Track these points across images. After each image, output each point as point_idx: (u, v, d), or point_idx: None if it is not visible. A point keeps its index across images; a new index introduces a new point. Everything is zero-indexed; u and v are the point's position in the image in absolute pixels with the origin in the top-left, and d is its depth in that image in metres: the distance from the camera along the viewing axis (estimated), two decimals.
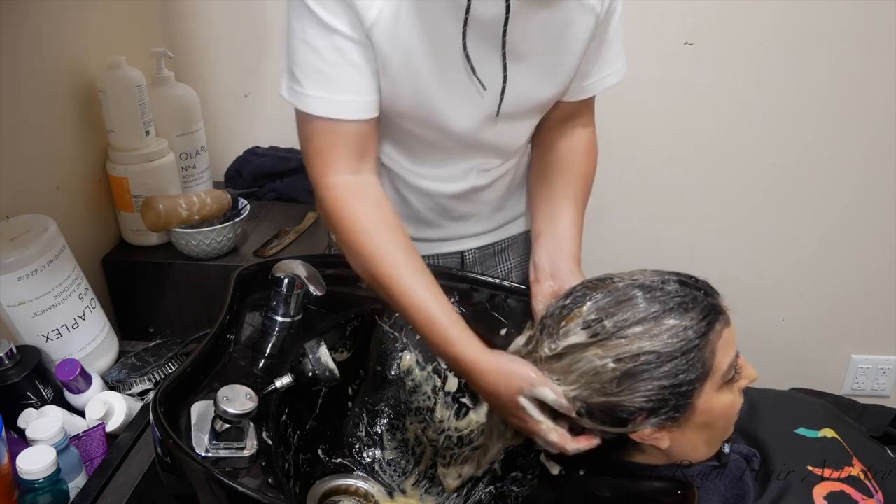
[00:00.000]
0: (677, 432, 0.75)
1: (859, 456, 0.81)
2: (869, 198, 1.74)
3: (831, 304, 1.87)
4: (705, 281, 0.77)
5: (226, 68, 1.67)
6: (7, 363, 0.94)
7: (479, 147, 0.98)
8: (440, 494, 0.93)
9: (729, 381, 0.75)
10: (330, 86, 0.84)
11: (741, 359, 0.77)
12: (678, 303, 0.72)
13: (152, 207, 1.28)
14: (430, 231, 1.09)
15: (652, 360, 0.70)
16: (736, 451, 0.80)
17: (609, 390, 0.72)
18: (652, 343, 0.70)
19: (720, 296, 0.77)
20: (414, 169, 1.01)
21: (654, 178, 1.75)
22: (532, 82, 0.91)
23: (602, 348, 0.72)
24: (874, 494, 0.76)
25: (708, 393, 0.73)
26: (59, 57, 1.25)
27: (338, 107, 0.85)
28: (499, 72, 0.88)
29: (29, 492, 0.80)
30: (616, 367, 0.71)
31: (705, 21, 1.58)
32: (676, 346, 0.70)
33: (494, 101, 0.91)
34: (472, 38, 0.84)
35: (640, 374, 0.71)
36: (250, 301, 0.90)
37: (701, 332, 0.71)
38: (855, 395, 1.97)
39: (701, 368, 0.72)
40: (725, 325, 0.74)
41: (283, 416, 0.85)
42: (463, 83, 0.88)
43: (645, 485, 0.79)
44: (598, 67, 0.95)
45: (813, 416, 0.87)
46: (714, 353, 0.73)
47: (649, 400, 0.71)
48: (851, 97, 1.63)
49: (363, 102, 0.86)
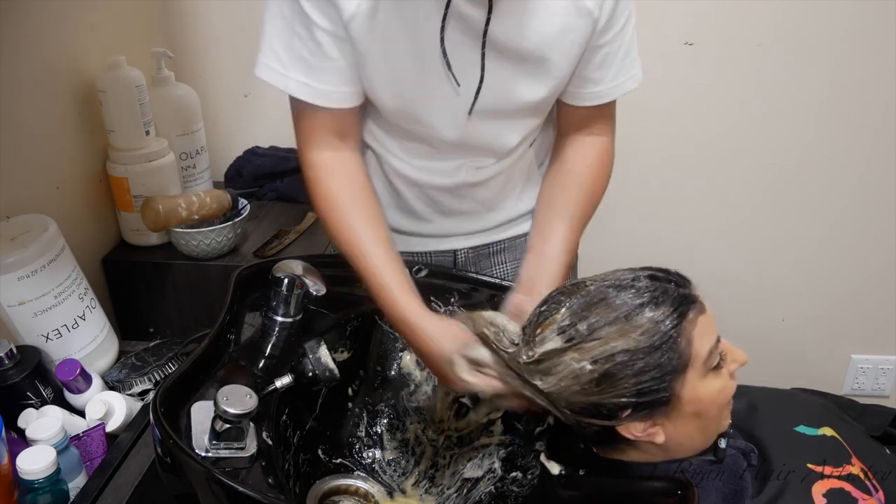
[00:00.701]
0: (670, 425, 0.76)
1: (859, 455, 0.81)
2: (869, 198, 1.74)
3: (831, 304, 1.87)
4: (677, 272, 0.77)
5: (226, 68, 1.67)
6: (7, 363, 0.94)
7: (464, 144, 0.98)
8: (440, 494, 0.93)
9: (715, 367, 0.75)
10: (311, 73, 0.88)
11: (724, 343, 0.77)
12: (649, 298, 0.73)
13: (152, 207, 1.28)
14: (422, 225, 1.09)
15: (627, 358, 0.71)
16: (733, 446, 0.79)
17: (590, 391, 0.73)
18: (626, 341, 0.71)
19: (693, 284, 0.77)
20: (404, 158, 1.01)
21: (654, 178, 1.75)
22: (516, 83, 0.91)
23: (578, 351, 0.73)
24: (874, 493, 0.76)
25: (692, 382, 0.74)
26: (59, 57, 1.25)
27: (317, 94, 0.89)
28: (477, 70, 0.89)
29: (29, 492, 0.80)
30: (594, 368, 0.72)
31: (705, 21, 1.58)
32: (650, 340, 0.71)
33: (469, 98, 0.91)
34: (452, 34, 0.85)
35: (617, 372, 0.72)
36: (250, 301, 0.90)
37: (674, 324, 0.72)
38: (855, 395, 1.97)
39: (678, 359, 0.72)
40: (699, 312, 0.75)
41: (283, 416, 0.85)
42: (440, 78, 0.89)
43: (645, 485, 0.79)
44: (612, 74, 0.94)
45: (812, 414, 0.87)
46: (691, 342, 0.73)
47: (631, 396, 0.72)
48: (851, 97, 1.63)
49: (341, 93, 0.90)
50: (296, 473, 0.86)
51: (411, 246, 1.12)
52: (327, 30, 0.85)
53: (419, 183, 1.03)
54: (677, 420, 0.75)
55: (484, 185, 1.05)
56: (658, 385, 0.72)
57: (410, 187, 1.04)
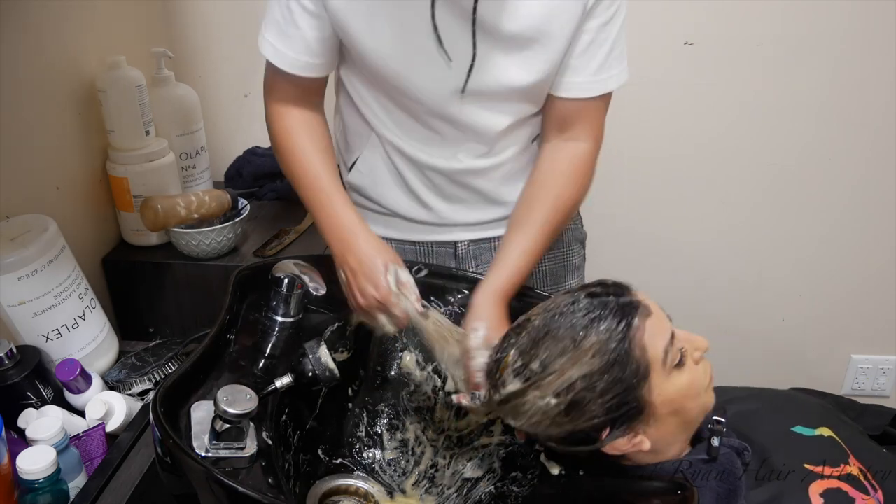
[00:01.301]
0: (651, 430, 0.76)
1: (857, 455, 0.81)
2: (869, 198, 1.74)
3: (831, 304, 1.87)
4: (614, 282, 0.78)
5: (226, 68, 1.67)
6: (7, 363, 0.94)
7: (454, 124, 0.98)
8: (440, 494, 0.93)
9: (677, 364, 0.75)
10: (280, 37, 0.94)
11: (681, 335, 0.77)
12: (591, 319, 0.73)
13: (151, 207, 1.28)
14: (423, 212, 1.09)
15: (587, 383, 0.72)
16: (727, 444, 0.79)
17: (562, 422, 0.74)
18: (580, 367, 0.72)
19: (632, 290, 0.77)
20: (404, 137, 1.02)
21: (654, 178, 1.75)
22: (507, 65, 0.92)
23: (538, 389, 0.74)
24: (872, 493, 0.76)
25: (659, 384, 0.74)
26: (59, 57, 1.25)
27: (284, 59, 0.95)
28: (469, 49, 0.90)
29: (29, 492, 0.80)
30: (558, 401, 0.73)
31: (705, 21, 1.58)
32: (603, 360, 0.72)
33: (462, 76, 0.92)
34: (443, 10, 0.87)
35: (582, 399, 0.72)
36: (250, 301, 0.90)
37: (621, 336, 0.73)
38: (855, 395, 1.97)
39: (637, 368, 0.73)
40: (645, 316, 0.75)
41: (283, 416, 0.85)
42: (430, 52, 0.91)
43: (644, 485, 0.79)
44: (595, 66, 0.94)
45: (810, 414, 0.87)
46: (644, 348, 0.74)
47: (603, 416, 0.73)
48: (851, 97, 1.63)
49: (303, 62, 0.95)
50: (296, 473, 0.86)
51: (413, 234, 1.12)
52: (304, 5, 0.91)
53: (418, 162, 1.04)
54: (657, 424, 0.76)
55: (483, 175, 1.04)
56: (625, 398, 0.73)
57: (412, 167, 1.05)
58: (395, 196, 1.08)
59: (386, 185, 1.08)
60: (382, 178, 1.07)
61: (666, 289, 1.89)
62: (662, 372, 0.74)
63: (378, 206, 1.11)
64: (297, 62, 0.95)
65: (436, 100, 0.95)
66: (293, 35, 0.93)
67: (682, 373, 0.76)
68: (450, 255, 1.13)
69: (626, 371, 0.72)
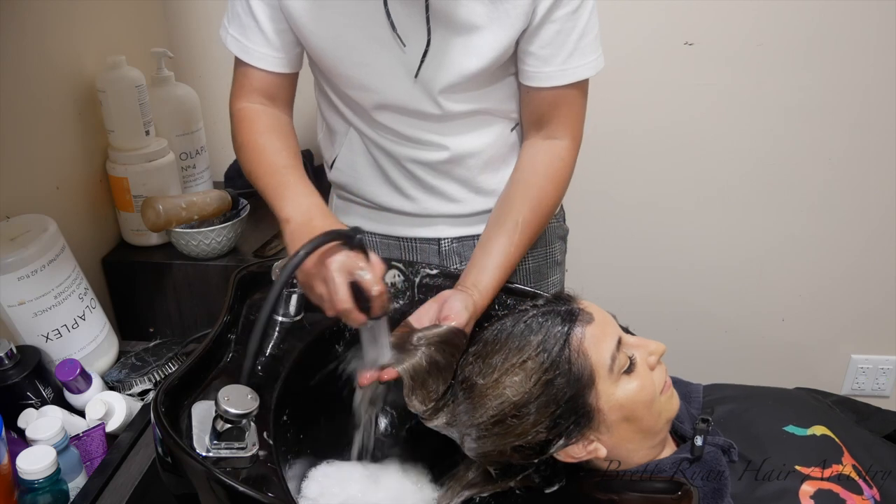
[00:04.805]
0: (604, 437, 0.76)
1: (853, 452, 0.80)
2: (869, 198, 1.74)
3: (831, 304, 1.87)
4: (559, 293, 0.80)
5: (226, 68, 1.65)
6: (7, 363, 0.94)
7: (411, 113, 0.98)
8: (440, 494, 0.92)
9: (627, 370, 0.75)
10: (242, 30, 0.97)
11: (632, 340, 0.77)
12: (530, 328, 0.75)
13: (152, 207, 1.28)
14: (406, 203, 1.09)
15: (526, 388, 0.74)
16: (711, 443, 0.78)
17: (507, 430, 0.75)
18: (517, 375, 0.74)
19: (574, 300, 0.78)
20: (376, 130, 1.03)
21: (654, 178, 1.75)
22: (457, 52, 0.92)
23: (481, 396, 0.76)
24: (865, 491, 0.76)
25: (606, 391, 0.74)
26: (59, 57, 1.25)
27: (247, 52, 0.97)
28: (423, 35, 0.90)
29: (29, 492, 0.80)
30: (499, 407, 0.75)
31: (705, 21, 1.58)
32: (542, 366, 0.73)
33: (416, 62, 0.93)
34: (395, 3, 0.89)
35: (524, 404, 0.74)
36: (250, 301, 0.90)
37: (561, 343, 0.74)
38: (855, 395, 1.97)
39: (580, 374, 0.73)
40: (586, 323, 0.75)
41: (284, 416, 0.85)
42: (385, 39, 0.92)
43: (644, 485, 0.78)
44: (564, 55, 0.93)
45: (804, 413, 0.86)
46: (586, 355, 0.74)
47: (548, 423, 0.74)
48: (852, 97, 1.63)
49: (262, 54, 0.97)
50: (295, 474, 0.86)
51: (397, 229, 1.13)
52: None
53: (392, 153, 1.04)
54: (610, 431, 0.76)
55: (460, 163, 1.04)
56: (572, 405, 0.73)
57: (387, 158, 1.05)
58: (377, 188, 1.09)
59: (367, 178, 1.09)
60: (363, 172, 1.09)
61: (666, 290, 1.89)
62: (609, 378, 0.74)
63: (362, 200, 1.12)
64: (258, 54, 0.97)
65: (393, 86, 0.96)
66: (252, 27, 0.96)
67: (632, 379, 0.75)
68: (433, 253, 1.13)
69: (568, 377, 0.73)
